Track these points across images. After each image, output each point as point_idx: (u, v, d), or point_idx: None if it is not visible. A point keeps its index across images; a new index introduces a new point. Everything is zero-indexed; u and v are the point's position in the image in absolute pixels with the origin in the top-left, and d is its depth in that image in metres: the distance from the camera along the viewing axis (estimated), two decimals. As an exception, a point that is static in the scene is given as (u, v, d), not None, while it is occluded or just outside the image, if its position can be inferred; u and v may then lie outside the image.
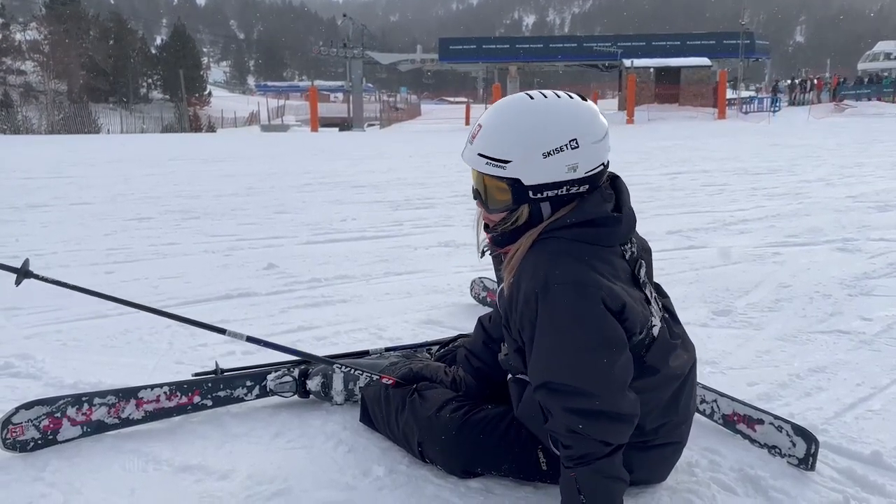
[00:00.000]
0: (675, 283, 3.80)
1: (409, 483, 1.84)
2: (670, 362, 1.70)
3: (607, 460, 1.54)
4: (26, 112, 44.25)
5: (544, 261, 1.56)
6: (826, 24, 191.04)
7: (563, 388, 1.54)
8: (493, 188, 1.63)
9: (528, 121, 1.56)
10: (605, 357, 1.53)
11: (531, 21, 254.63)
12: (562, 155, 1.55)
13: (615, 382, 1.54)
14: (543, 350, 1.56)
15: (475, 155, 1.60)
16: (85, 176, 10.43)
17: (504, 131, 1.57)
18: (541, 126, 1.55)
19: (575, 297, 1.51)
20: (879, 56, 52.35)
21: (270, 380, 2.28)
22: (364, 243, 5.14)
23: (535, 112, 1.57)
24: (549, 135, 1.54)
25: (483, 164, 1.59)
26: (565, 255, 1.55)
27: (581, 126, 1.57)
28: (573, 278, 1.52)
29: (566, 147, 1.55)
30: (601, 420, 1.53)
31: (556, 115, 1.57)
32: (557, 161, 1.55)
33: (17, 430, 1.96)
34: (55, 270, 4.27)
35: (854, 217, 5.87)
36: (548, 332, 1.54)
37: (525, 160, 1.55)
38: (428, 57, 48.98)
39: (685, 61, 36.15)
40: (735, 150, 14.19)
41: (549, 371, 1.56)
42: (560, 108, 1.58)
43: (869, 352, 2.78)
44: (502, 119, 1.59)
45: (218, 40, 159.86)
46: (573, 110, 1.59)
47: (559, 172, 1.56)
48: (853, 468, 1.90)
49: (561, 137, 1.54)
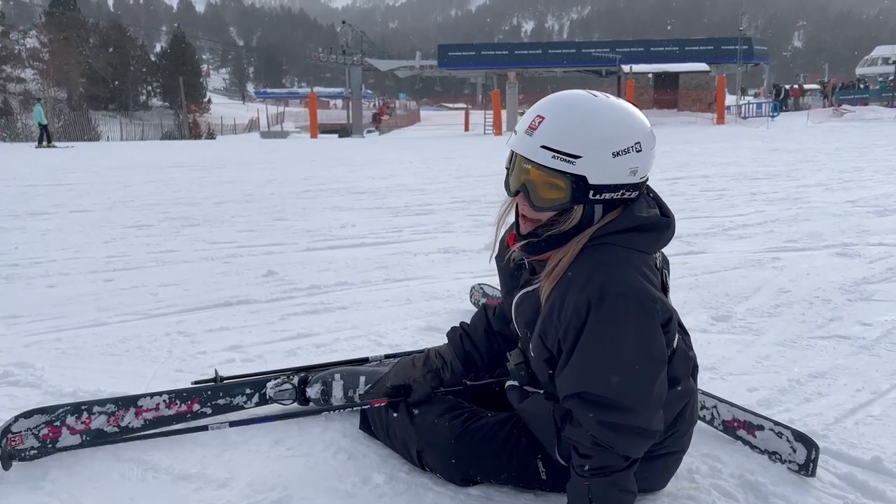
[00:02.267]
0: (675, 289, 3.78)
1: (409, 491, 1.84)
2: (690, 373, 1.70)
3: (624, 474, 1.53)
4: (26, 119, 44.24)
5: (598, 268, 1.50)
6: (824, 29, 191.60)
7: (600, 401, 1.50)
8: (544, 184, 1.53)
9: (599, 118, 1.51)
10: (651, 374, 1.50)
11: (530, 27, 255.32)
12: (628, 157, 1.51)
13: (654, 399, 1.52)
14: (587, 360, 1.50)
15: (537, 147, 1.50)
16: (84, 183, 10.45)
17: (576, 126, 1.50)
18: (612, 124, 1.51)
19: (633, 310, 1.46)
20: (877, 61, 52.52)
21: (270, 387, 2.28)
22: (363, 250, 5.14)
23: (605, 110, 1.52)
24: (620, 135, 1.51)
25: (548, 158, 1.49)
26: (620, 264, 1.51)
27: (644, 130, 1.55)
28: (632, 289, 1.47)
29: (632, 149, 1.52)
30: (630, 435, 1.50)
31: (626, 116, 1.54)
32: (623, 162, 1.51)
33: (17, 439, 1.95)
34: (55, 278, 4.27)
35: (853, 222, 5.87)
36: (596, 342, 1.48)
37: (597, 158, 1.49)
38: (427, 63, 49.04)
39: (684, 67, 36.25)
40: (734, 155, 14.20)
41: (590, 382, 1.51)
42: (625, 110, 1.55)
43: (869, 357, 2.78)
44: (572, 113, 1.51)
45: (217, 47, 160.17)
46: (636, 114, 1.57)
47: (622, 174, 1.52)
48: (854, 474, 1.89)
49: (629, 139, 1.52)
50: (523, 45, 57.70)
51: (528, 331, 1.69)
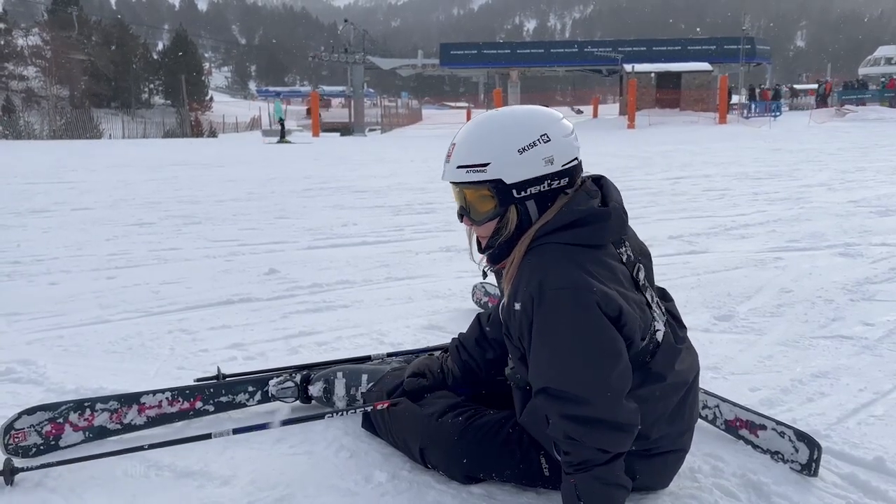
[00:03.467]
0: (677, 289, 3.79)
1: (411, 489, 1.84)
2: (676, 367, 1.70)
3: (606, 467, 1.54)
4: (28, 117, 44.29)
5: (538, 267, 1.56)
6: (827, 28, 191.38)
7: (560, 395, 1.54)
8: (476, 199, 1.66)
9: (498, 125, 1.65)
10: (600, 363, 1.53)
11: (532, 26, 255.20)
12: (536, 149, 1.60)
13: (611, 390, 1.54)
14: (540, 356, 1.56)
15: (454, 169, 1.65)
16: (86, 181, 10.46)
17: (477, 138, 1.65)
18: (510, 126, 1.63)
19: (569, 302, 1.51)
20: (880, 61, 52.44)
21: (272, 385, 2.28)
22: (365, 248, 5.15)
23: (503, 117, 1.66)
24: (520, 132, 1.61)
25: (463, 174, 1.64)
26: (558, 260, 1.56)
27: (548, 122, 1.64)
28: (567, 283, 1.52)
29: (539, 141, 1.60)
30: (598, 428, 1.52)
31: (524, 116, 1.66)
32: (534, 155, 1.60)
33: (20, 436, 1.96)
34: (57, 276, 4.28)
35: (855, 222, 5.87)
36: (544, 338, 1.55)
37: (503, 159, 1.60)
38: (429, 62, 49.07)
39: (686, 66, 36.17)
40: (736, 154, 14.19)
41: (547, 377, 1.56)
42: (525, 110, 1.68)
43: (871, 357, 2.78)
44: (473, 131, 1.67)
45: (219, 45, 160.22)
46: (537, 111, 1.68)
47: (537, 166, 1.61)
48: (856, 474, 1.89)
49: (532, 133, 1.61)
50: (525, 45, 57.70)
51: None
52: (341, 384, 2.26)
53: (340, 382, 2.26)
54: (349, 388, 2.25)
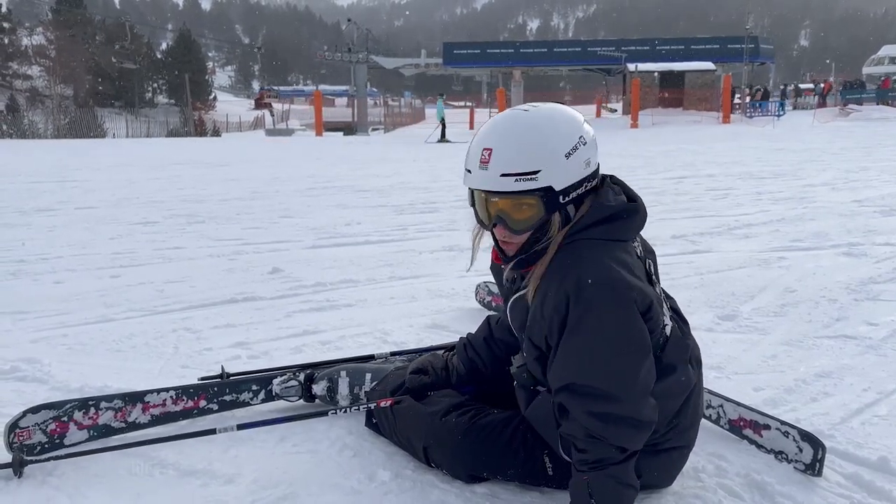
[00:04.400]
0: (681, 288, 3.80)
1: (415, 488, 1.84)
2: (689, 362, 1.71)
3: (622, 466, 1.54)
4: (32, 116, 44.37)
5: (574, 263, 1.55)
6: (830, 27, 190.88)
7: (587, 391, 1.53)
8: (515, 208, 1.59)
9: (542, 128, 1.57)
10: (633, 361, 1.53)
11: (535, 25, 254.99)
12: (578, 152, 1.58)
13: (640, 387, 1.54)
14: (571, 351, 1.55)
15: (497, 177, 1.55)
16: (90, 180, 10.48)
17: (523, 144, 1.55)
18: (554, 130, 1.58)
19: (609, 299, 1.51)
20: (884, 60, 52.26)
21: (276, 384, 2.28)
22: (369, 247, 5.15)
23: (542, 120, 1.59)
24: (564, 136, 1.57)
25: (512, 183, 1.54)
26: (594, 256, 1.55)
27: (580, 124, 1.63)
28: (606, 279, 1.52)
29: (579, 144, 1.58)
30: (621, 425, 1.52)
31: (562, 118, 1.61)
32: (577, 159, 1.58)
33: (25, 434, 1.97)
34: (61, 274, 4.29)
35: (859, 221, 5.85)
36: (578, 333, 1.53)
37: (553, 165, 1.55)
38: (432, 61, 49.03)
39: (689, 65, 36.09)
40: (740, 154, 14.16)
41: (575, 373, 1.55)
42: (557, 112, 1.63)
43: (875, 357, 2.77)
44: (514, 136, 1.57)
45: (223, 45, 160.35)
46: (568, 112, 1.65)
47: (580, 170, 1.59)
48: (860, 474, 1.89)
49: (573, 136, 1.58)
50: (529, 44, 57.67)
51: (521, 333, 1.73)
52: (345, 383, 2.26)
53: (344, 381, 2.26)
54: (353, 386, 2.26)
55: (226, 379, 2.29)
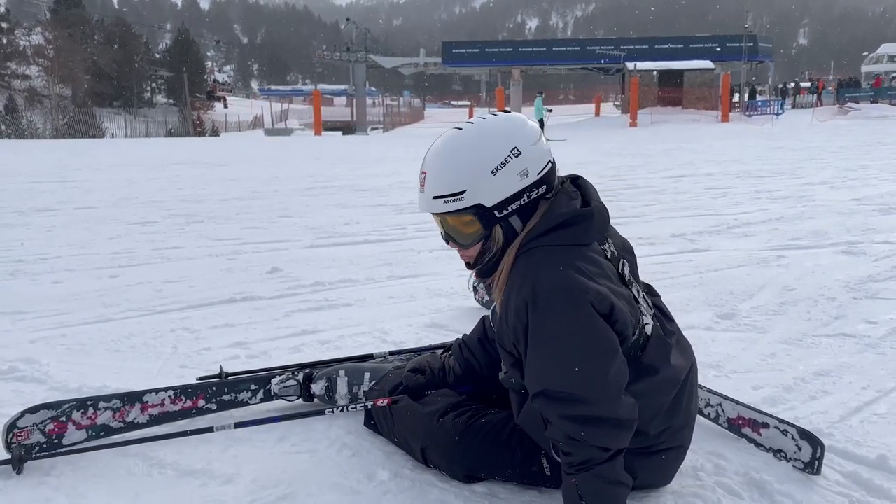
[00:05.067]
0: (679, 287, 3.80)
1: (414, 487, 1.84)
2: (671, 361, 1.70)
3: (608, 465, 1.54)
4: (31, 116, 44.35)
5: (529, 272, 1.56)
6: (829, 26, 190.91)
7: (559, 396, 1.54)
8: (458, 225, 1.65)
9: (465, 148, 1.60)
10: (598, 362, 1.53)
11: (534, 24, 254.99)
12: (509, 165, 1.57)
13: (611, 387, 1.54)
14: (538, 359, 1.56)
15: (430, 199, 1.62)
16: (89, 180, 10.47)
17: (447, 166, 1.60)
18: (478, 147, 1.58)
19: (564, 304, 1.51)
20: (883, 58, 52.28)
21: (275, 383, 2.28)
22: (368, 247, 5.15)
23: (468, 138, 1.61)
24: (489, 152, 1.58)
25: (441, 205, 1.61)
26: (548, 263, 1.56)
27: (515, 134, 1.60)
28: (559, 285, 1.52)
29: (510, 157, 1.58)
30: (599, 426, 1.53)
31: (490, 132, 1.61)
32: (508, 173, 1.58)
33: (23, 434, 1.96)
34: (60, 274, 4.29)
35: (858, 220, 5.85)
36: (540, 340, 1.54)
37: (477, 183, 1.57)
38: (431, 61, 49.01)
39: (688, 64, 36.12)
40: (738, 152, 14.16)
41: (545, 379, 1.56)
42: (489, 125, 1.62)
43: (874, 355, 2.77)
44: (441, 157, 1.62)
45: (222, 45, 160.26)
46: (502, 123, 1.63)
47: (514, 183, 1.59)
48: (859, 472, 1.89)
49: (502, 150, 1.58)
50: (528, 43, 57.67)
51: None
52: (343, 382, 2.26)
53: (343, 381, 2.26)
54: (351, 386, 2.25)
55: (224, 379, 2.29)
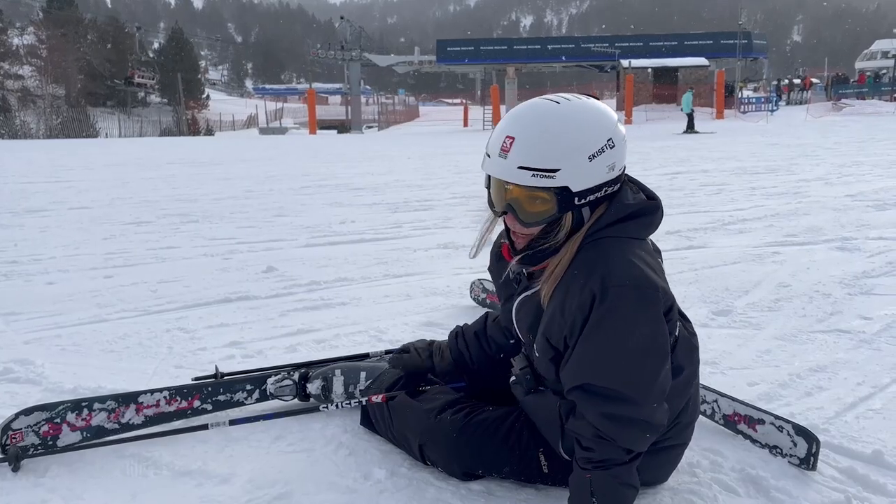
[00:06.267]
0: (675, 284, 3.76)
1: (410, 486, 1.84)
2: (694, 361, 1.70)
3: (626, 467, 1.53)
4: (24, 116, 44.20)
5: (598, 262, 1.50)
6: (823, 23, 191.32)
7: (603, 392, 1.50)
8: (527, 199, 1.54)
9: (568, 126, 1.50)
10: (654, 364, 1.50)
11: (529, 22, 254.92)
12: (603, 156, 1.51)
13: (657, 391, 1.52)
14: (591, 351, 1.50)
15: (514, 168, 1.49)
16: (83, 180, 10.43)
17: (547, 140, 1.49)
18: (581, 130, 1.50)
19: (635, 300, 1.47)
20: (877, 55, 52.45)
21: (270, 383, 2.27)
22: (363, 246, 5.14)
23: (571, 117, 1.51)
24: (590, 137, 1.50)
25: (528, 177, 1.49)
26: (618, 255, 1.51)
27: (612, 125, 1.54)
28: (632, 280, 1.47)
29: (606, 147, 1.51)
30: (633, 428, 1.50)
31: (592, 117, 1.52)
32: (601, 162, 1.51)
33: (17, 436, 1.95)
34: (54, 275, 4.27)
35: (853, 216, 5.87)
36: (599, 333, 1.48)
37: (574, 166, 1.49)
38: (426, 59, 48.97)
39: (683, 61, 36.16)
40: (733, 149, 14.19)
41: (593, 373, 1.51)
42: (589, 110, 1.53)
43: (869, 351, 2.78)
44: (539, 128, 1.50)
45: (215, 44, 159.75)
46: (601, 110, 1.55)
47: (601, 174, 1.52)
48: (854, 468, 1.90)
49: (600, 139, 1.51)
50: (522, 41, 57.58)
51: (530, 335, 1.69)
52: (339, 382, 2.26)
53: (339, 380, 2.26)
54: (347, 385, 2.25)
55: (220, 379, 2.28)
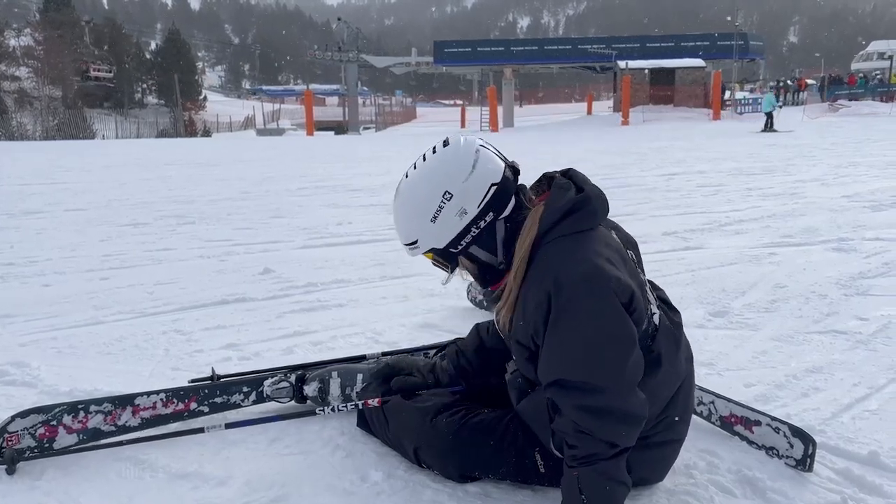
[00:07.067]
0: (672, 285, 3.79)
1: (407, 488, 1.84)
2: (679, 353, 1.71)
3: (612, 462, 1.54)
4: (21, 118, 44.13)
5: (549, 264, 1.55)
6: (819, 24, 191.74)
7: (574, 385, 1.53)
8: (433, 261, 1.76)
9: (406, 202, 1.70)
10: (617, 351, 1.53)
11: (526, 23, 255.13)
12: (445, 210, 1.63)
13: (626, 378, 1.54)
14: (557, 347, 1.55)
15: (404, 246, 1.75)
16: (80, 182, 10.42)
17: (399, 220, 1.73)
18: (416, 200, 1.66)
19: (587, 291, 1.51)
20: (873, 56, 52.56)
21: (267, 385, 2.27)
22: (360, 247, 5.14)
23: (407, 192, 1.69)
24: (424, 202, 1.64)
25: (410, 250, 1.74)
26: (566, 253, 1.55)
27: (444, 178, 1.63)
28: (583, 273, 1.52)
29: (443, 202, 1.62)
30: (609, 419, 1.52)
31: (423, 184, 1.66)
32: (446, 216, 1.63)
33: (13, 439, 1.95)
34: (50, 277, 4.26)
35: (849, 217, 5.88)
36: (561, 328, 1.53)
37: (423, 233, 1.67)
38: (423, 60, 48.98)
39: (679, 62, 36.22)
40: (730, 150, 14.22)
41: (562, 368, 1.55)
42: (422, 175, 1.67)
43: (865, 352, 2.78)
44: (395, 210, 1.74)
45: (213, 45, 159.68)
46: (433, 167, 1.66)
47: (455, 224, 1.64)
48: (851, 469, 1.90)
49: (434, 197, 1.63)
50: (519, 42, 57.67)
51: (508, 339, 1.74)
52: (336, 384, 2.25)
53: (335, 382, 2.26)
54: (344, 387, 2.25)
55: (216, 381, 2.27)
